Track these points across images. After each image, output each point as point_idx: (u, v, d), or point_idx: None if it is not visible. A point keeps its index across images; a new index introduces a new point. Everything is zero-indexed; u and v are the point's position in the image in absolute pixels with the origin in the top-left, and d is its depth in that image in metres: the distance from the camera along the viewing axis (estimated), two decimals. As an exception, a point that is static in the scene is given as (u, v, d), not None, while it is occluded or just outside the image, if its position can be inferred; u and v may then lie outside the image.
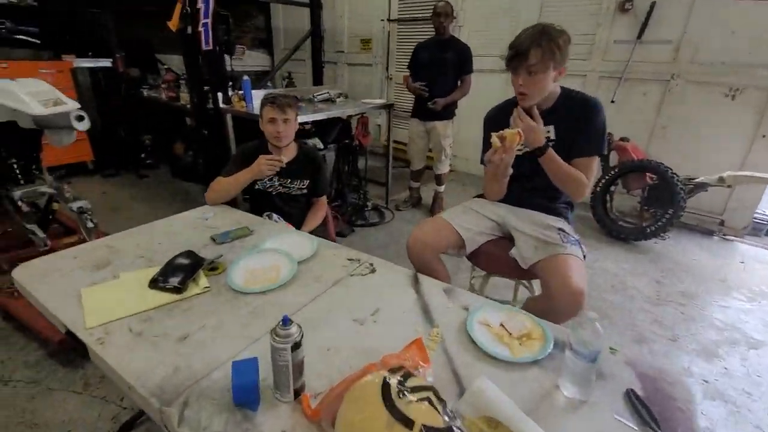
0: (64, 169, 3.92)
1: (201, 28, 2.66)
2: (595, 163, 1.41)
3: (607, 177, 3.13)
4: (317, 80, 3.77)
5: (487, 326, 1.01)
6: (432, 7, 3.01)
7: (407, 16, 4.75)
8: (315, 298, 1.10)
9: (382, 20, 4.94)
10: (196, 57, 2.81)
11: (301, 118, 2.72)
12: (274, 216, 1.73)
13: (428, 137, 3.33)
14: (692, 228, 3.36)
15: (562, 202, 1.56)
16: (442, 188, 3.52)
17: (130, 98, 4.16)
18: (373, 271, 1.25)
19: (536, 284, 1.58)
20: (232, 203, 1.80)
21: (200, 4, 2.59)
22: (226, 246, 1.37)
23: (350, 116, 3.26)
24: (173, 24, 2.61)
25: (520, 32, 1.32)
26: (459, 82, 3.13)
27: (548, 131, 1.45)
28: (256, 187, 1.84)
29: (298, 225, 1.90)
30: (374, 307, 1.07)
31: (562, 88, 1.44)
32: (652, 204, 3.04)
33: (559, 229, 1.40)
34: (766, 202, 3.19)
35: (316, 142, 2.97)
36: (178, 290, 1.10)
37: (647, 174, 2.96)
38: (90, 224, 1.92)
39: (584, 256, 1.39)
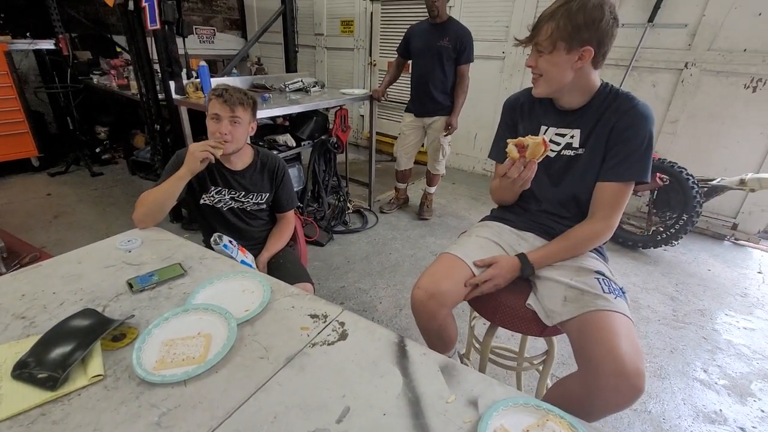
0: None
1: (145, 3, 2.22)
2: (630, 190, 1.08)
3: (613, 177, 2.82)
4: (290, 66, 3.35)
5: (507, 439, 0.69)
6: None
7: (392, -5, 4.33)
8: (256, 392, 0.76)
9: (364, 0, 4.50)
10: (141, 38, 2.37)
11: (270, 112, 2.34)
12: (225, 239, 1.35)
13: (424, 133, 2.98)
14: (701, 232, 3.11)
15: None
16: (433, 189, 3.17)
17: (79, 85, 3.67)
18: (343, 336, 0.91)
19: (559, 340, 1.25)
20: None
21: (143, -26, 2.15)
22: (146, 295, 1.01)
23: (327, 109, 2.87)
24: (109, -3, 2.17)
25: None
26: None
27: (571, 136, 1.12)
28: (202, 201, 1.47)
29: (259, 247, 1.55)
30: (342, 406, 0.74)
31: (606, 84, 1.11)
32: (662, 207, 2.76)
33: (597, 272, 1.05)
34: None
35: (287, 138, 2.58)
36: (51, 384, 0.74)
37: (658, 174, 2.67)
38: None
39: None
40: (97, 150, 4.00)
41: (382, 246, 2.76)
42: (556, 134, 1.16)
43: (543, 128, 1.18)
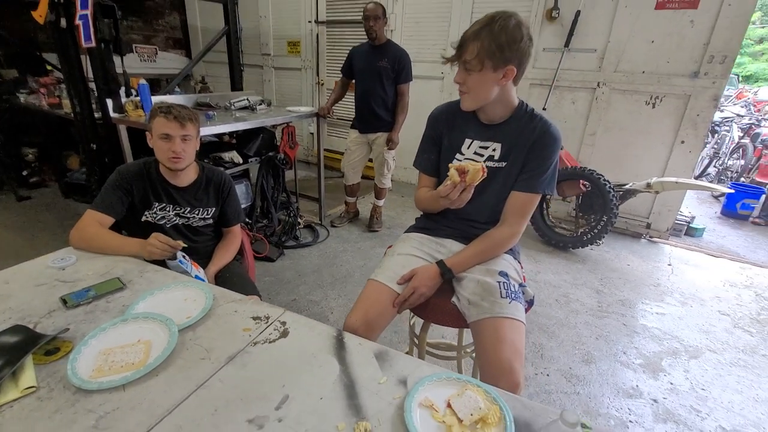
0: None
1: (79, 21, 2.18)
2: (537, 200, 1.24)
3: (543, 185, 3.09)
4: (236, 85, 3.37)
5: (431, 409, 0.77)
6: (362, 9, 2.78)
7: (335, 18, 4.49)
8: (196, 389, 0.79)
9: (310, 22, 4.64)
10: (75, 56, 2.31)
11: (215, 129, 2.36)
12: (179, 254, 1.34)
13: (369, 149, 3.10)
14: (622, 232, 3.46)
15: None
16: (381, 202, 3.29)
17: (4, 104, 3.45)
18: (284, 334, 0.96)
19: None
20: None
21: (76, -8, 2.12)
22: (82, 310, 1.00)
23: (275, 126, 2.92)
24: (39, 14, 2.10)
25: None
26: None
27: (493, 149, 1.24)
28: (144, 218, 1.47)
29: (204, 263, 1.55)
30: (281, 395, 0.79)
31: (522, 102, 1.24)
32: (587, 211, 3.05)
33: (501, 272, 1.19)
34: (684, 204, 3.37)
35: (233, 155, 2.59)
36: (-21, 399, 0.73)
37: (581, 181, 2.97)
38: None
39: (531, 301, 1.23)
40: (25, 173, 3.73)
41: (333, 258, 2.81)
42: (480, 147, 1.25)
43: (467, 141, 1.27)
